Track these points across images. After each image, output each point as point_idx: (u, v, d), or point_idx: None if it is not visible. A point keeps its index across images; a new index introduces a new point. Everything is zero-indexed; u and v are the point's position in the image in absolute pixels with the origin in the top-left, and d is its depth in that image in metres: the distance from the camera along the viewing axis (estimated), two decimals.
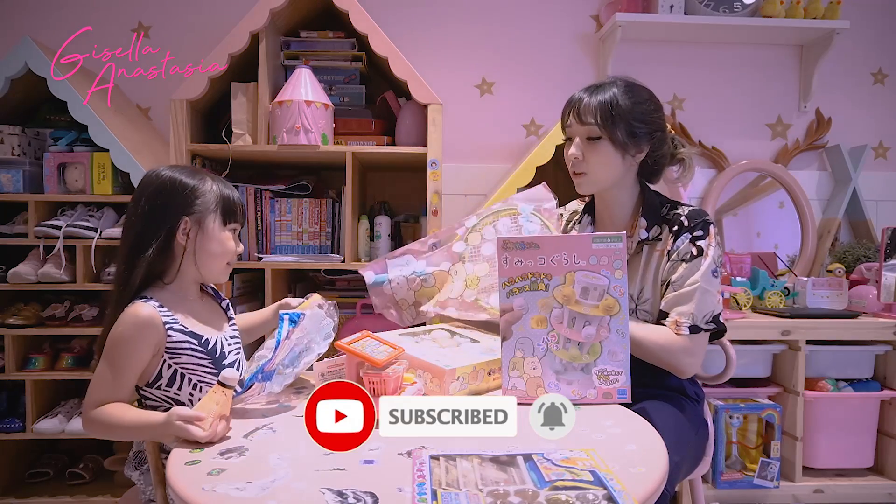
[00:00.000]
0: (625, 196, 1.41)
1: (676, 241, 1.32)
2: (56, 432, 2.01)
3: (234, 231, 1.30)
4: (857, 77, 2.64)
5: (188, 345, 1.19)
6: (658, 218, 1.37)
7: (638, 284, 1.36)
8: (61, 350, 2.10)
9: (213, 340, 1.23)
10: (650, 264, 1.36)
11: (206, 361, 1.21)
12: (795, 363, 2.04)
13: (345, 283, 2.29)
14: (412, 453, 0.88)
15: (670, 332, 1.28)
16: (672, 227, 1.34)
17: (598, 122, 1.31)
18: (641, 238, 1.36)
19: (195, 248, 1.24)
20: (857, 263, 2.37)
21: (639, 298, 1.36)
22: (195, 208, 1.22)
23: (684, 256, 1.30)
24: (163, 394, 1.20)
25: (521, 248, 1.17)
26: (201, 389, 1.20)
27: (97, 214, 2.05)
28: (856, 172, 2.52)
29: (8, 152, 2.03)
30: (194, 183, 1.23)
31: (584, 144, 1.35)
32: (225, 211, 1.26)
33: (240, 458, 0.90)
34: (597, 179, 1.37)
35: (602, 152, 1.34)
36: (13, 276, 1.97)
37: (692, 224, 1.31)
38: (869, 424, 2.10)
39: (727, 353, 1.53)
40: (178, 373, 1.19)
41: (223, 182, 1.29)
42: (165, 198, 1.21)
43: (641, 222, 1.37)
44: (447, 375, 1.15)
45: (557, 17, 2.56)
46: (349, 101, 2.22)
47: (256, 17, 1.99)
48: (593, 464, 0.83)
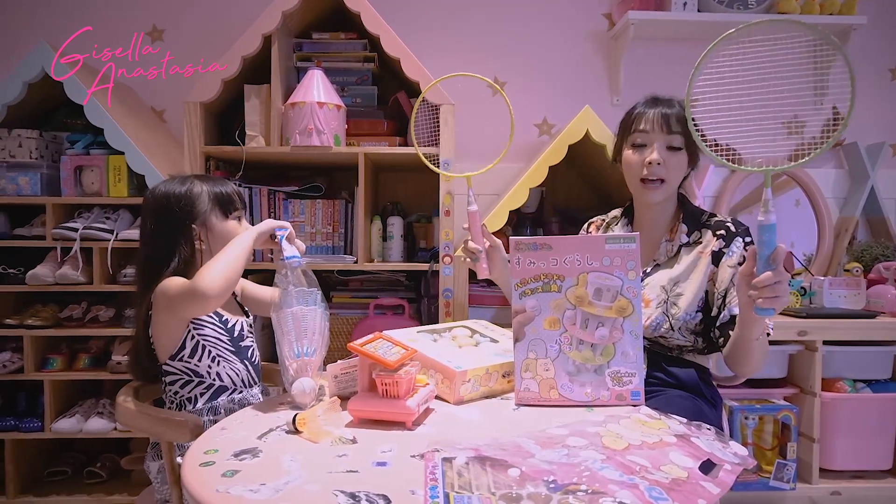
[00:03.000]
0: (670, 204, 1.47)
1: (730, 245, 1.36)
2: (74, 432, 2.03)
3: (239, 218, 1.38)
4: (874, 74, 2.60)
5: (211, 319, 1.32)
6: (698, 223, 1.43)
7: (669, 274, 1.40)
8: (79, 350, 2.13)
9: (232, 321, 1.36)
10: (687, 261, 1.40)
11: (226, 338, 1.33)
12: (812, 364, 2.02)
13: (357, 283, 2.30)
14: (425, 456, 0.88)
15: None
16: (716, 230, 1.40)
17: (682, 132, 1.37)
18: (682, 242, 1.42)
19: (210, 248, 1.33)
20: (874, 262, 2.34)
21: (671, 290, 1.39)
22: (196, 213, 1.31)
23: (741, 259, 1.34)
24: (183, 365, 1.29)
25: (534, 249, 1.17)
26: (219, 363, 1.31)
27: (113, 216, 2.07)
28: (873, 170, 2.49)
29: (26, 155, 2.06)
30: (185, 191, 1.32)
31: (665, 152, 1.39)
32: (221, 204, 1.35)
33: (253, 460, 0.90)
34: (672, 187, 1.42)
35: (680, 162, 1.40)
36: (31, 278, 2.00)
37: (740, 230, 1.38)
38: (887, 426, 2.07)
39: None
40: (200, 344, 1.30)
41: (210, 180, 1.37)
42: (166, 214, 1.31)
43: (682, 227, 1.43)
44: (458, 377, 1.15)
45: (569, 15, 2.55)
46: (361, 101, 2.23)
47: (269, 19, 2.00)
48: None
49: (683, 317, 1.36)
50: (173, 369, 1.30)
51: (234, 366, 1.33)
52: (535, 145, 2.53)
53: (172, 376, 1.31)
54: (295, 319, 1.17)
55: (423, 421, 1.07)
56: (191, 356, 1.29)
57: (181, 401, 1.30)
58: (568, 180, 2.51)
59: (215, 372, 1.31)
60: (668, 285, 1.39)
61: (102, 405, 2.11)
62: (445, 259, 2.04)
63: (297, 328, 1.17)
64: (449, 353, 1.25)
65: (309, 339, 1.18)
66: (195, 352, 1.29)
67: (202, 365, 1.30)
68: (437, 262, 2.06)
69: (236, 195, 1.39)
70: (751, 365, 1.29)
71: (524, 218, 2.37)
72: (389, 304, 2.17)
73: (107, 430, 2.04)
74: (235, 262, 1.22)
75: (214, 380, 1.31)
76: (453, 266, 2.04)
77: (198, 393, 1.30)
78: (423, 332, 1.40)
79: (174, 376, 1.31)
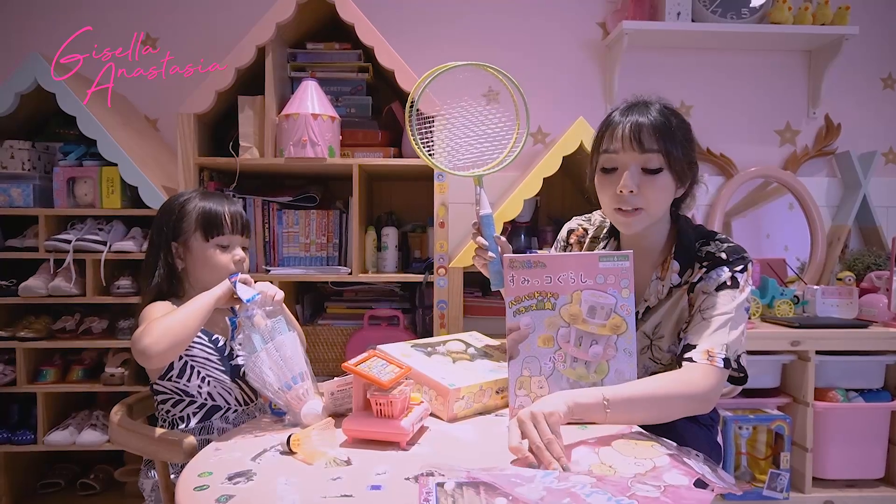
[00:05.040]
0: (660, 230, 1.26)
1: (710, 272, 1.18)
2: (67, 444, 2.02)
3: (224, 246, 1.33)
4: (866, 83, 2.62)
5: (200, 339, 1.28)
6: (691, 258, 1.23)
7: (655, 320, 1.26)
8: (72, 362, 2.12)
9: (222, 341, 1.32)
10: (671, 300, 1.25)
11: (215, 357, 1.30)
12: (805, 373, 2.03)
13: (352, 293, 2.30)
14: (419, 480, 0.88)
15: (682, 375, 1.13)
16: (702, 263, 1.20)
17: (661, 149, 1.15)
18: (673, 283, 1.23)
19: (188, 268, 1.33)
20: (867, 271, 2.35)
21: (654, 334, 1.27)
22: (179, 231, 1.31)
23: (719, 284, 1.17)
24: (173, 385, 1.28)
25: (528, 267, 1.17)
26: (209, 383, 1.29)
27: (106, 228, 2.07)
28: (866, 179, 2.50)
29: (18, 167, 2.05)
30: (178, 206, 1.32)
31: (640, 176, 1.17)
32: (206, 227, 1.31)
33: (248, 483, 0.90)
34: (653, 215, 1.20)
35: (661, 185, 1.17)
36: (24, 290, 1.99)
37: (731, 259, 1.18)
38: (880, 435, 2.08)
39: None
40: (189, 364, 1.27)
41: (211, 199, 1.33)
42: (157, 227, 1.32)
43: (674, 265, 1.23)
44: (451, 395, 1.15)
45: (563, 24, 2.56)
46: (355, 112, 2.23)
47: (263, 30, 1.99)
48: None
49: (668, 353, 1.28)
50: (163, 389, 1.29)
51: (226, 385, 1.31)
52: (530, 154, 2.53)
53: (163, 395, 1.30)
54: (270, 356, 1.15)
55: (417, 440, 1.07)
56: (179, 376, 1.27)
57: (173, 420, 1.29)
58: (562, 189, 2.51)
59: (206, 392, 1.29)
60: (650, 329, 1.27)
61: (96, 417, 2.10)
62: (440, 271, 2.04)
63: (275, 364, 1.15)
64: (443, 370, 1.25)
65: (290, 367, 1.16)
66: (184, 372, 1.27)
67: (192, 385, 1.28)
68: (431, 273, 2.06)
69: (231, 222, 1.32)
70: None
71: (518, 228, 2.38)
72: (384, 315, 2.17)
73: (100, 443, 2.03)
74: (187, 323, 1.16)
75: (206, 399, 1.29)
76: (448, 277, 2.04)
77: (190, 412, 1.29)
78: (417, 346, 1.40)
79: (165, 395, 1.30)
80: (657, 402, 1.08)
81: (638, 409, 1.07)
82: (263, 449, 1.04)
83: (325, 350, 2.18)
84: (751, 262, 1.21)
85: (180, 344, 1.16)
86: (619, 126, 1.18)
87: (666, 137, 1.15)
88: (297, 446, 1.01)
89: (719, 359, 1.13)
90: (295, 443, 1.01)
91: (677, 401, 1.10)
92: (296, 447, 1.01)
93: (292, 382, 1.15)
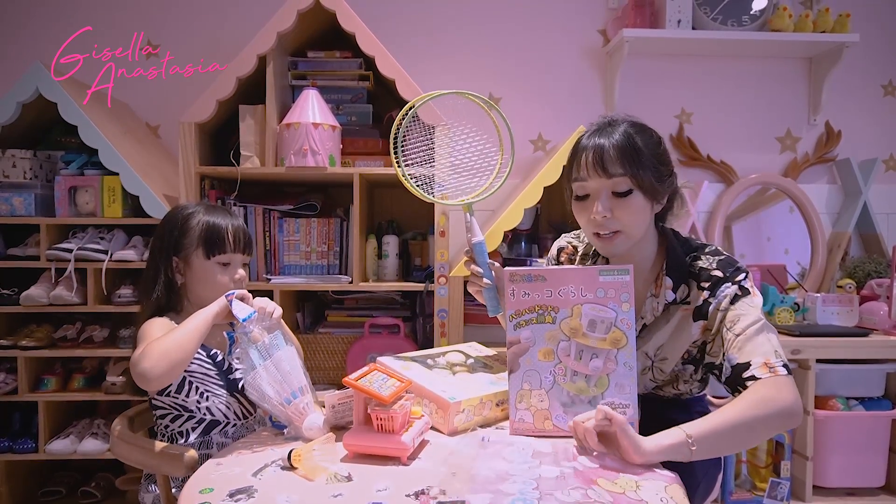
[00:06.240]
0: (647, 247, 1.26)
1: (715, 293, 1.18)
2: (68, 453, 2.03)
3: (226, 263, 1.33)
4: (867, 90, 2.62)
5: (198, 354, 1.28)
6: (684, 273, 1.23)
7: (656, 341, 1.26)
8: (73, 371, 2.12)
9: (220, 355, 1.32)
10: (671, 322, 1.24)
11: (214, 372, 1.30)
12: (806, 382, 2.02)
13: (353, 301, 2.30)
14: (419, 497, 0.88)
15: (757, 395, 1.08)
16: (702, 283, 1.20)
17: (627, 171, 1.15)
18: (668, 300, 1.23)
19: (188, 283, 1.33)
20: (867, 279, 2.35)
21: (655, 356, 1.27)
22: (181, 246, 1.31)
23: (732, 298, 1.17)
24: (171, 400, 1.28)
25: (529, 281, 1.17)
26: (207, 398, 1.29)
27: (108, 237, 2.07)
28: (866, 186, 2.50)
29: (20, 176, 2.05)
30: (182, 220, 1.31)
31: (611, 200, 1.18)
32: (208, 244, 1.31)
33: (249, 500, 0.90)
34: (633, 236, 1.20)
35: (634, 206, 1.17)
36: (25, 299, 1.99)
37: (727, 274, 1.19)
38: (880, 443, 2.08)
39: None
40: (187, 380, 1.27)
41: (217, 213, 1.34)
42: (159, 239, 1.32)
43: (667, 282, 1.23)
44: (451, 409, 1.16)
45: (564, 32, 2.56)
46: (356, 120, 2.23)
47: (264, 39, 2.00)
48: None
49: (669, 374, 1.28)
50: (162, 404, 1.29)
51: (225, 399, 1.31)
52: (531, 161, 2.54)
53: (162, 410, 1.29)
54: (269, 373, 1.15)
55: (418, 454, 1.07)
56: (177, 392, 1.27)
57: (172, 435, 1.29)
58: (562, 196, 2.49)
59: (205, 407, 1.29)
60: (652, 351, 1.27)
61: (97, 426, 2.10)
62: (440, 280, 2.04)
63: (275, 380, 1.15)
64: (443, 382, 1.25)
65: (290, 382, 1.16)
66: (182, 387, 1.27)
67: (190, 400, 1.28)
68: (432, 282, 2.06)
69: (233, 240, 1.32)
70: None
71: (519, 235, 2.38)
72: (385, 323, 2.17)
73: (101, 451, 2.04)
74: (185, 345, 1.17)
75: (205, 415, 1.29)
76: (448, 286, 2.04)
77: (189, 427, 1.28)
78: (417, 358, 1.40)
79: (163, 411, 1.29)
80: (746, 428, 1.05)
81: (725, 440, 1.05)
82: (264, 464, 1.04)
83: (325, 359, 2.18)
84: (748, 272, 1.21)
85: (178, 366, 1.17)
86: (583, 152, 1.19)
87: (631, 159, 1.15)
88: (297, 461, 1.01)
89: (779, 366, 1.11)
90: (296, 458, 1.01)
91: (769, 421, 1.06)
92: (297, 462, 1.01)
93: (292, 397, 1.15)
